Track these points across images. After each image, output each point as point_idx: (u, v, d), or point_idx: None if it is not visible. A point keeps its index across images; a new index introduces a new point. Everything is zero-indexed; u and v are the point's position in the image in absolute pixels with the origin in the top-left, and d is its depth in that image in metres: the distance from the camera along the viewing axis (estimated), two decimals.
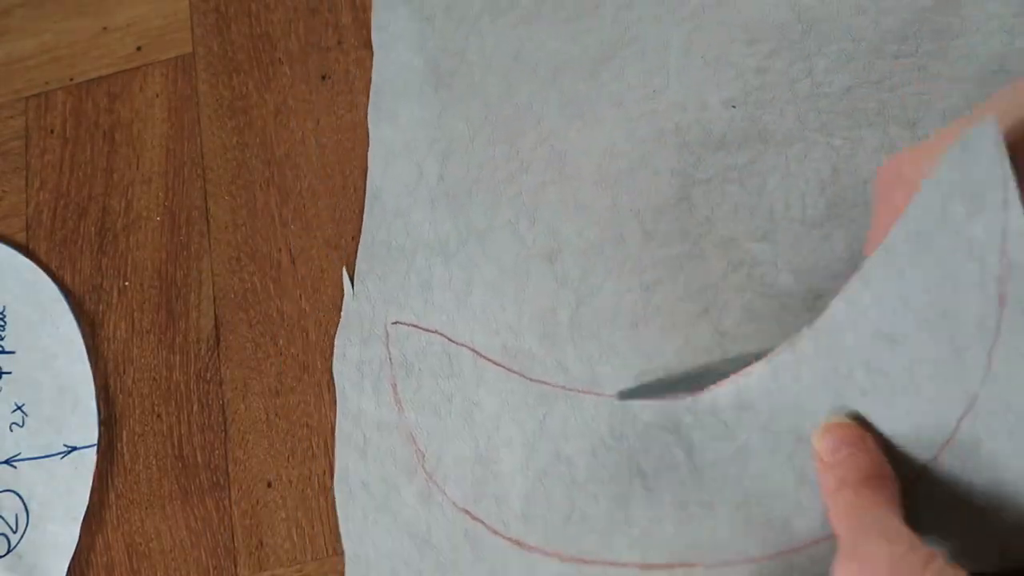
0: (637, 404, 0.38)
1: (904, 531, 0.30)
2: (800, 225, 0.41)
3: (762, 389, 0.35)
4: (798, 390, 0.34)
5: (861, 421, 0.33)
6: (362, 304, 0.44)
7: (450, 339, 0.42)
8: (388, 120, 0.47)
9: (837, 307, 0.33)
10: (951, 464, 0.32)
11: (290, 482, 0.42)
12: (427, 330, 0.43)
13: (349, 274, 0.45)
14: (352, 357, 0.43)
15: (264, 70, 0.49)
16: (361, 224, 0.46)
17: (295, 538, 0.42)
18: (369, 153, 0.47)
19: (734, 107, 0.43)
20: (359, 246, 0.45)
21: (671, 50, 0.45)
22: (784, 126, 0.42)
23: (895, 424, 0.33)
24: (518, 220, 0.44)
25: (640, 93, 0.44)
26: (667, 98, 0.44)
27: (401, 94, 0.47)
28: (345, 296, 0.44)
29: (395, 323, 0.43)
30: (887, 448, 0.33)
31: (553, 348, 0.41)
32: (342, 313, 0.44)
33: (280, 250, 0.46)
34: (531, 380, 0.41)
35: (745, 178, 0.42)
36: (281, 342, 0.45)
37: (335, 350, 0.43)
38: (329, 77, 0.48)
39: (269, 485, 0.43)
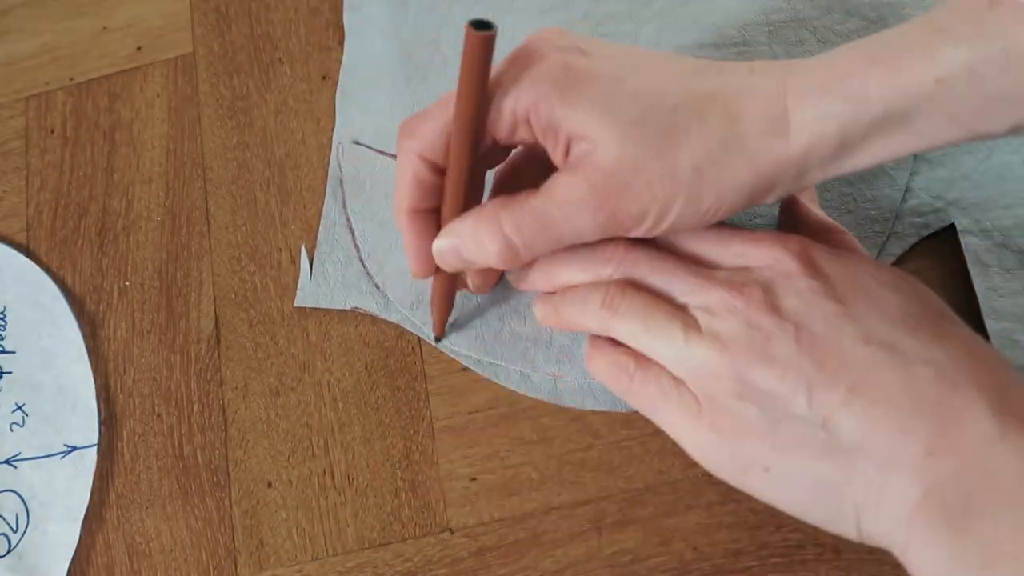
0: None
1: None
2: (761, 220, 0.42)
3: None
4: None
5: None
6: (320, 287, 0.44)
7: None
8: (358, 105, 0.47)
9: None
10: None
11: (290, 482, 0.42)
12: (382, 152, 0.46)
13: (309, 255, 0.45)
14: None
15: (264, 70, 0.49)
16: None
17: (295, 538, 0.42)
18: (334, 134, 0.47)
19: None
20: (319, 227, 0.45)
21: None
22: None
23: None
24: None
25: None
26: None
27: (373, 81, 0.47)
28: (301, 275, 0.45)
29: (355, 142, 0.47)
30: None
31: None
32: (297, 291, 0.45)
33: (280, 250, 0.46)
34: None
35: None
36: (281, 342, 0.45)
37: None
38: (329, 77, 0.48)
39: (269, 485, 0.43)
